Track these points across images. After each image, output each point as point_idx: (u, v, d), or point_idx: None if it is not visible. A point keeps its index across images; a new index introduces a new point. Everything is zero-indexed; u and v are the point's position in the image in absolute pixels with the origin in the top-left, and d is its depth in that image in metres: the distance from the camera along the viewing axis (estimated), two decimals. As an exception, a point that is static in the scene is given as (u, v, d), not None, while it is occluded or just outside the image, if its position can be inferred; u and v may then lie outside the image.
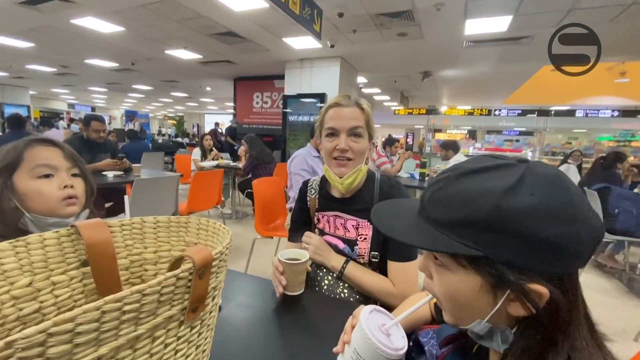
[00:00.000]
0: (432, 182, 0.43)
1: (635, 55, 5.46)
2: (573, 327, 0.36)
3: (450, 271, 0.40)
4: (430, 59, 5.66)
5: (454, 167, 0.42)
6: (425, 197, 0.43)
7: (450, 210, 0.38)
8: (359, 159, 0.92)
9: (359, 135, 0.91)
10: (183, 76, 8.19)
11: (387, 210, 0.49)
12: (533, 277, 0.35)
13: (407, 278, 0.87)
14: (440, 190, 0.41)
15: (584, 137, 12.82)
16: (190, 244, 0.52)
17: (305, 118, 5.92)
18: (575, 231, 0.34)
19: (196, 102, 14.38)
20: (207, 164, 4.15)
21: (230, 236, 0.45)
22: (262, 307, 0.80)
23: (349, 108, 0.91)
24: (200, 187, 2.73)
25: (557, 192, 0.35)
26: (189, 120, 19.06)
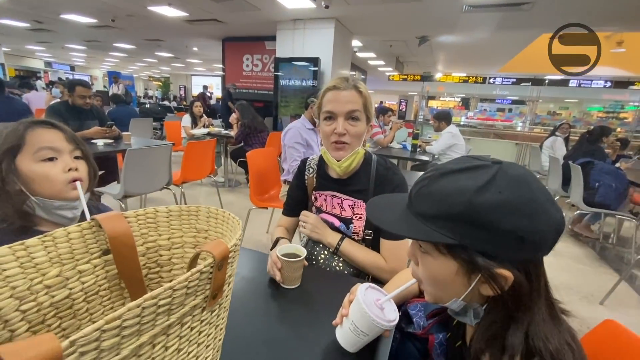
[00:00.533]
0: (419, 179, 0.48)
1: (633, 26, 5.38)
2: (533, 305, 0.43)
3: (432, 257, 0.46)
4: (428, 24, 5.47)
5: (439, 166, 0.47)
6: (412, 192, 0.49)
7: (432, 205, 0.44)
8: (356, 142, 0.94)
9: (356, 118, 0.93)
10: (168, 35, 7.74)
11: (379, 204, 0.55)
12: (501, 263, 0.41)
13: (398, 255, 0.94)
14: (425, 187, 0.46)
15: (574, 107, 12.91)
16: (201, 231, 0.55)
17: (297, 82, 5.76)
18: (537, 224, 0.40)
19: (182, 63, 13.71)
20: (198, 132, 4.08)
21: (241, 225, 0.48)
22: (261, 280, 0.86)
23: (347, 91, 0.91)
24: (193, 157, 2.72)
25: (521, 190, 0.40)
26: (175, 81, 18.30)
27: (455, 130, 3.47)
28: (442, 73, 11.43)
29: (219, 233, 0.54)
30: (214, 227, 0.54)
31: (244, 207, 3.53)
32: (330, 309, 0.75)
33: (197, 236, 0.56)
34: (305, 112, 2.24)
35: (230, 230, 0.51)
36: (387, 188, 0.97)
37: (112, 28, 7.05)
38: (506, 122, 11.56)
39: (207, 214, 0.54)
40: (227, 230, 0.52)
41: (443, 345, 0.61)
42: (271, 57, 6.75)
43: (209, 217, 0.54)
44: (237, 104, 3.95)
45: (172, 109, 8.99)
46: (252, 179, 2.28)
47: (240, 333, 0.64)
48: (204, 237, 0.55)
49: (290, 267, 0.80)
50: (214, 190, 3.86)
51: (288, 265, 0.80)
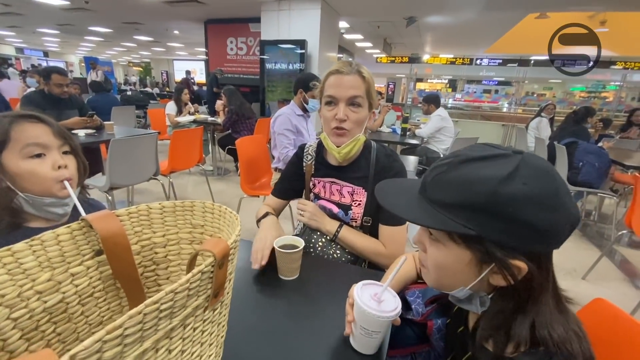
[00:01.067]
0: (435, 165, 0.47)
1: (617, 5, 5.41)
2: (542, 296, 0.43)
3: (444, 246, 0.46)
4: (416, 3, 5.38)
5: (457, 153, 0.46)
6: (427, 178, 0.47)
7: (451, 193, 0.43)
8: (357, 129, 0.93)
9: (358, 104, 0.91)
10: (146, 17, 7.40)
11: (390, 188, 0.53)
12: (514, 254, 0.41)
13: (397, 240, 0.95)
14: (443, 174, 0.45)
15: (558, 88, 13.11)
16: (197, 226, 0.53)
17: (284, 66, 5.62)
18: (556, 218, 0.39)
19: (163, 47, 13.19)
20: (183, 119, 3.97)
21: (239, 220, 0.47)
22: (258, 271, 0.85)
23: (350, 76, 0.89)
24: (180, 145, 2.65)
25: (545, 182, 0.40)
26: (156, 67, 17.64)
27: (444, 113, 3.48)
28: (430, 55, 11.36)
29: (216, 228, 0.52)
30: (210, 222, 0.53)
31: (235, 195, 3.49)
32: (331, 298, 0.75)
33: (193, 232, 0.54)
34: (294, 98, 2.19)
35: (228, 226, 0.50)
36: (387, 175, 0.97)
37: (86, 10, 6.68)
38: (492, 103, 11.67)
39: (203, 209, 0.53)
40: (225, 226, 0.51)
41: (442, 330, 0.62)
42: (256, 40, 6.55)
43: (205, 212, 0.52)
44: (225, 88, 3.85)
45: (155, 95, 8.71)
46: (243, 167, 2.24)
47: (241, 327, 0.64)
48: (200, 232, 0.54)
49: (288, 259, 0.80)
50: (203, 179, 3.80)
51: (286, 256, 0.79)
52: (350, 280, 0.83)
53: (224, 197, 3.44)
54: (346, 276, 0.88)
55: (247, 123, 3.82)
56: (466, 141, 3.17)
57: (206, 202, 0.52)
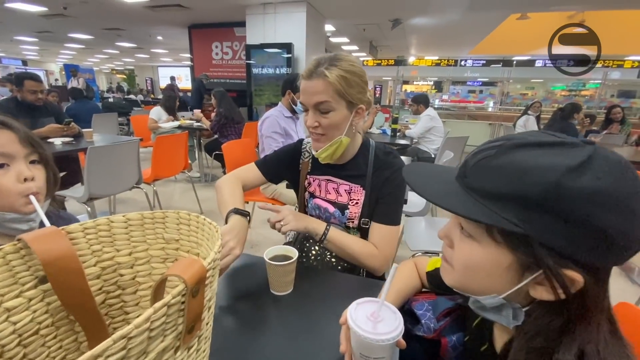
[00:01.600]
0: (481, 148, 0.39)
1: (595, 5, 5.54)
2: (595, 317, 0.35)
3: (478, 243, 0.38)
4: (401, 5, 5.40)
5: (511, 136, 0.38)
6: (469, 162, 0.40)
7: (499, 181, 0.35)
8: (333, 133, 0.87)
9: (327, 109, 0.84)
10: (128, 23, 7.23)
11: (421, 171, 0.46)
12: (570, 263, 0.33)
13: (389, 241, 0.90)
14: (490, 158, 0.37)
15: (540, 87, 13.44)
16: (170, 241, 0.45)
17: (270, 70, 5.55)
18: (631, 226, 0.32)
19: (147, 54, 12.97)
20: (167, 125, 3.84)
21: (219, 234, 0.39)
22: (248, 285, 0.77)
23: (313, 81, 0.82)
24: (163, 152, 2.54)
25: (625, 182, 0.32)
26: (140, 74, 17.34)
27: (434, 113, 3.46)
28: (415, 57, 11.49)
29: (193, 242, 0.44)
30: (187, 235, 0.45)
31: (223, 202, 3.37)
32: (330, 315, 0.67)
33: (167, 248, 0.46)
34: (282, 99, 2.12)
35: (207, 239, 0.42)
36: (386, 172, 0.91)
37: (65, 17, 6.48)
38: (478, 103, 11.85)
39: (177, 220, 0.44)
40: (204, 239, 0.43)
41: (458, 348, 0.54)
42: (242, 44, 6.48)
43: (180, 224, 0.44)
44: (214, 90, 3.75)
45: (140, 102, 8.51)
46: (230, 173, 2.15)
47: (227, 354, 0.55)
48: (175, 248, 0.45)
49: (281, 272, 0.72)
50: (189, 187, 3.67)
51: (279, 270, 0.71)
52: (349, 292, 0.76)
53: (211, 204, 3.33)
54: (344, 287, 0.80)
55: (236, 128, 3.72)
56: (456, 140, 3.14)
57: (181, 212, 0.44)
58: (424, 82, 14.83)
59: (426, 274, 0.66)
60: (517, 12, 6.44)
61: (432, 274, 0.65)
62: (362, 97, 0.86)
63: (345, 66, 0.82)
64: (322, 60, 0.83)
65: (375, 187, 0.91)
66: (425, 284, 0.68)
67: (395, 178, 0.90)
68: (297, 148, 1.03)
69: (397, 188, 0.90)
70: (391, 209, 0.90)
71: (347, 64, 0.82)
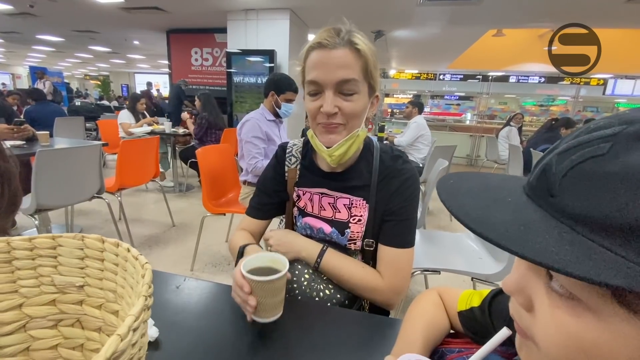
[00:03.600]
0: (576, 141, 0.23)
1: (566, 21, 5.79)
2: None
3: (593, 313, 0.22)
4: (384, 17, 5.43)
5: (623, 115, 0.22)
6: (555, 169, 0.23)
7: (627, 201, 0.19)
8: (355, 122, 0.68)
9: (351, 91, 0.65)
10: (102, 25, 6.91)
11: (465, 187, 0.29)
12: None
13: (400, 268, 0.72)
14: (602, 160, 0.21)
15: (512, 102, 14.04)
16: (67, 288, 0.26)
17: (252, 79, 5.38)
18: None
19: (123, 59, 12.50)
20: (139, 130, 3.57)
21: (150, 272, 0.21)
22: (223, 317, 0.58)
23: (338, 50, 0.63)
24: (130, 157, 2.29)
25: None
26: (116, 80, 16.74)
27: (422, 121, 3.40)
28: (396, 70, 11.70)
29: (109, 291, 0.26)
30: (98, 276, 0.26)
31: (198, 213, 3.13)
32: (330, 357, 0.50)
33: (60, 301, 0.27)
34: (264, 101, 1.95)
35: (131, 284, 0.23)
36: (395, 182, 0.73)
37: (32, 16, 6.10)
38: (456, 115, 12.17)
39: (81, 248, 0.26)
40: (127, 283, 0.24)
41: None
42: (222, 51, 6.30)
43: (86, 258, 0.26)
44: (200, 93, 3.56)
45: (112, 108, 8.09)
46: (205, 181, 1.94)
47: None
48: (77, 301, 0.27)
49: (265, 290, 0.53)
50: (161, 197, 3.39)
51: (262, 287, 0.52)
52: (356, 337, 0.58)
53: (185, 216, 3.07)
54: (347, 329, 0.62)
55: (217, 134, 3.52)
56: (444, 149, 3.07)
57: (87, 236, 0.25)
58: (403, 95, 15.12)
59: (458, 315, 0.50)
60: (495, 27, 6.66)
61: (466, 315, 0.49)
62: (377, 84, 0.70)
63: (367, 41, 0.66)
64: (340, 28, 0.65)
65: (382, 200, 0.73)
66: (454, 325, 0.52)
67: (406, 188, 0.73)
68: (280, 157, 0.84)
69: (408, 201, 0.72)
70: (402, 227, 0.72)
71: (366, 39, 0.67)
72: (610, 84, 9.08)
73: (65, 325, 0.27)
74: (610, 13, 4.41)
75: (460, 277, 2.12)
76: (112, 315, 0.25)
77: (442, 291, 0.55)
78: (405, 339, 0.47)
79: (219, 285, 0.71)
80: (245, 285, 0.53)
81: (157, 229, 2.76)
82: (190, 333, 0.56)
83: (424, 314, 0.51)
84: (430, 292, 0.56)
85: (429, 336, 0.47)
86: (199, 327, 0.58)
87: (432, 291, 0.56)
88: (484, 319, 0.45)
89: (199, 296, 0.67)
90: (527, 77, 11.12)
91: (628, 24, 3.54)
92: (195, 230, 2.70)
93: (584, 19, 5.31)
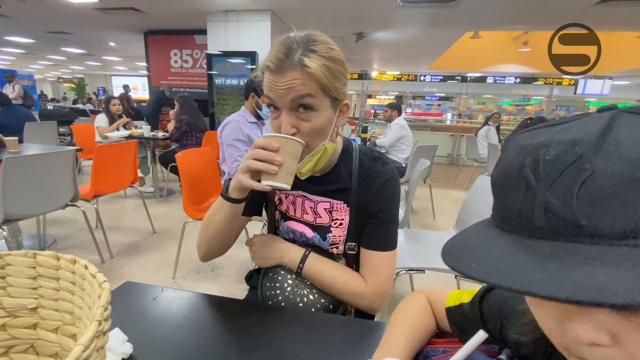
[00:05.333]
0: (553, 174, 0.23)
1: (538, 25, 6.02)
2: None
3: None
4: (365, 18, 5.49)
5: (562, 139, 0.23)
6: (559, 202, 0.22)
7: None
8: (316, 139, 0.65)
9: (309, 107, 0.61)
10: (76, 26, 6.67)
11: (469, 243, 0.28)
12: None
13: (383, 272, 0.71)
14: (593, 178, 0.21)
15: (490, 102, 14.50)
16: (18, 311, 0.24)
17: (234, 81, 5.31)
18: None
19: (99, 61, 12.11)
20: (115, 134, 3.46)
21: (107, 292, 0.19)
22: (199, 341, 0.56)
23: (288, 74, 0.59)
24: (106, 163, 2.21)
25: None
26: (91, 83, 16.18)
27: (403, 123, 3.44)
28: (377, 71, 11.85)
29: (66, 312, 0.24)
30: (53, 299, 0.24)
31: (179, 219, 3.05)
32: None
33: (12, 327, 0.24)
34: (245, 103, 1.92)
35: (88, 304, 0.21)
36: (375, 183, 0.72)
37: (0, 17, 5.81)
38: (437, 115, 12.45)
39: (32, 269, 0.24)
40: (84, 303, 0.22)
41: None
42: (203, 52, 6.20)
43: (38, 278, 0.23)
44: (178, 95, 3.48)
45: (88, 112, 7.81)
46: (186, 185, 1.89)
47: None
48: (30, 324, 0.24)
49: (290, 152, 0.59)
50: (141, 203, 3.29)
51: (290, 146, 0.59)
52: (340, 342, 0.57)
53: (166, 222, 2.99)
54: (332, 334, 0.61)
55: (198, 137, 3.44)
56: (426, 149, 3.12)
57: (39, 253, 0.23)
58: (385, 96, 15.32)
59: (446, 311, 0.50)
60: (472, 29, 6.85)
61: (453, 311, 0.48)
62: (345, 91, 0.67)
63: (325, 51, 0.61)
64: (292, 42, 0.61)
65: (363, 202, 0.72)
66: (441, 324, 0.51)
67: (386, 190, 0.72)
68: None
69: (389, 203, 0.72)
70: (384, 230, 0.72)
71: (325, 47, 0.62)
72: (581, 84, 9.49)
73: (18, 351, 0.24)
74: (579, 16, 4.61)
75: (444, 275, 2.16)
76: (70, 339, 0.23)
77: (430, 292, 0.55)
78: (389, 343, 0.47)
79: (198, 295, 0.68)
80: (274, 143, 0.57)
81: (137, 236, 2.68)
82: (167, 347, 0.53)
83: (407, 317, 0.50)
84: (416, 295, 0.56)
85: (413, 340, 0.47)
86: (177, 340, 0.55)
87: (419, 293, 0.56)
88: (473, 314, 0.45)
89: (177, 307, 0.64)
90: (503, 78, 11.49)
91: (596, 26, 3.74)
92: (177, 236, 2.62)
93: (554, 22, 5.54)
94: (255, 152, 0.59)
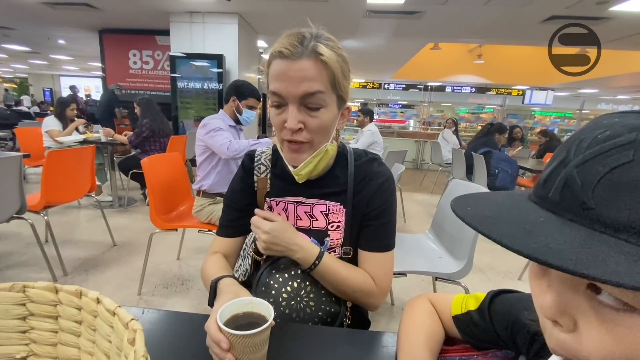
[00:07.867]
0: (590, 154, 0.22)
1: (492, 39, 6.48)
2: None
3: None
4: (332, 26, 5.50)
5: (631, 125, 0.22)
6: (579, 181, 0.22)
7: None
8: (321, 138, 0.63)
9: (317, 105, 0.60)
10: (19, 22, 6.09)
11: (485, 207, 0.27)
12: None
13: (387, 272, 0.72)
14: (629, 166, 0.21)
15: (448, 110, 15.39)
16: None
17: (198, 84, 5.12)
18: None
19: (45, 60, 11.12)
20: (69, 139, 3.16)
21: (141, 334, 0.15)
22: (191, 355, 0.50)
23: (301, 62, 0.57)
24: (59, 170, 2.00)
25: None
26: (36, 83, 14.83)
27: (375, 129, 3.51)
28: (345, 78, 12.09)
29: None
30: (47, 340, 0.19)
31: (144, 230, 2.85)
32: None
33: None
34: (225, 106, 1.84)
35: (107, 355, 0.17)
36: (372, 184, 0.72)
37: None
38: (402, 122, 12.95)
39: (21, 307, 0.18)
40: (99, 351, 0.17)
41: None
42: (165, 54, 5.93)
43: (29, 318, 0.18)
44: (139, 98, 3.26)
45: (33, 115, 7.13)
46: (153, 194, 1.76)
47: None
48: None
49: (246, 345, 0.44)
50: (98, 213, 3.02)
51: (243, 342, 0.44)
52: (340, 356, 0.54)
53: (127, 234, 2.77)
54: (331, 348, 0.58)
55: (162, 142, 3.25)
56: (396, 154, 3.20)
57: (30, 284, 0.18)
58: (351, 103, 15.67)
59: (453, 319, 0.49)
60: (432, 41, 7.22)
61: (462, 319, 0.48)
62: (349, 92, 0.66)
63: (336, 47, 0.61)
64: (305, 33, 0.60)
65: (360, 203, 0.71)
66: (448, 331, 0.50)
67: (384, 191, 0.71)
68: (247, 166, 0.77)
69: (387, 203, 0.72)
70: (385, 230, 0.72)
71: (335, 45, 0.62)
72: (528, 95, 10.35)
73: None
74: (526, 33, 5.04)
75: (419, 277, 2.20)
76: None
77: (432, 297, 0.54)
78: (410, 355, 0.45)
79: (162, 313, 0.61)
80: (223, 341, 0.44)
81: (95, 250, 2.45)
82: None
83: (421, 326, 0.49)
84: (421, 301, 0.54)
85: (433, 351, 0.46)
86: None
87: (422, 298, 0.55)
88: (485, 323, 0.44)
89: (158, 330, 0.58)
90: (460, 87, 12.22)
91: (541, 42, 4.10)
92: (141, 249, 2.44)
93: (505, 37, 6.00)
94: (210, 345, 0.48)
